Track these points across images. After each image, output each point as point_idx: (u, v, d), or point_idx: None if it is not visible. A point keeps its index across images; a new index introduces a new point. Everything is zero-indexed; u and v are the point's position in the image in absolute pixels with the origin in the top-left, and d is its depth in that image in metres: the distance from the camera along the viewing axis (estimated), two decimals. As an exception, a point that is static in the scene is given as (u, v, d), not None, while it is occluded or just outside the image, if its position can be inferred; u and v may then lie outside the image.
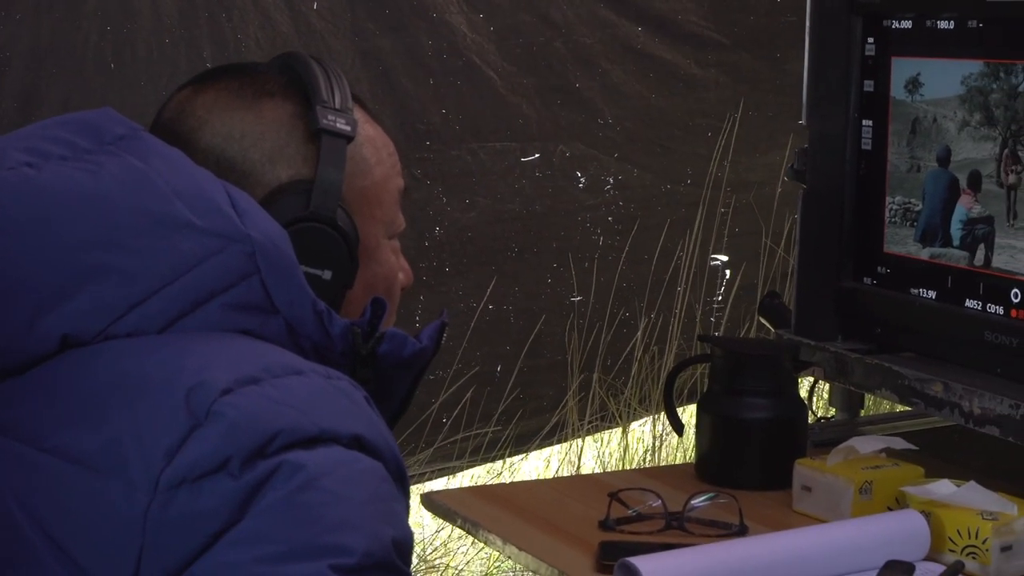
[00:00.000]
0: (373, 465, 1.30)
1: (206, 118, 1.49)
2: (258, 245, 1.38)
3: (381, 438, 1.32)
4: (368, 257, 1.53)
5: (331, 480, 1.26)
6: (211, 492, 1.23)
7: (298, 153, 1.48)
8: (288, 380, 1.31)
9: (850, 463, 2.04)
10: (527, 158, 3.60)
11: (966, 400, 2.07)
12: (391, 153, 1.58)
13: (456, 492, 2.37)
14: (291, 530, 1.23)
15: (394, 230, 1.58)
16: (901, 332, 2.24)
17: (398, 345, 1.47)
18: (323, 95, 1.50)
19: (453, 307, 3.50)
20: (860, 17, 2.28)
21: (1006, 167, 2.05)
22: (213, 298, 1.37)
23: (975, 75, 2.11)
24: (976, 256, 2.13)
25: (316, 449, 1.26)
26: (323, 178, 1.47)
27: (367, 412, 1.34)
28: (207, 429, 1.25)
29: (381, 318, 1.47)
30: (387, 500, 1.30)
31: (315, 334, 1.41)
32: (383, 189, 1.56)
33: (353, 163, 1.51)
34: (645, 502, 2.03)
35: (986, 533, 1.83)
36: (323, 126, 1.48)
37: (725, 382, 2.20)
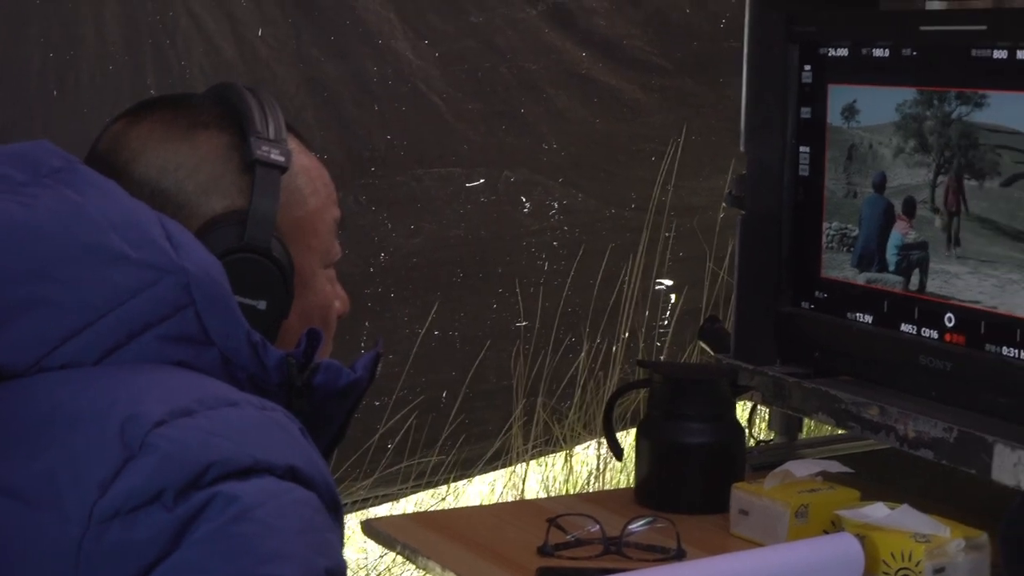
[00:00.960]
0: (307, 496, 1.30)
1: (141, 150, 1.49)
2: (192, 277, 1.38)
3: (315, 469, 1.32)
4: (304, 286, 1.53)
5: (265, 511, 1.25)
6: (145, 524, 1.23)
7: (233, 184, 1.48)
8: (222, 412, 1.31)
9: (787, 487, 2.05)
10: (472, 183, 3.60)
11: (901, 423, 2.09)
12: (326, 183, 1.58)
13: (396, 519, 2.37)
14: (224, 561, 1.23)
15: (330, 259, 1.58)
16: (838, 356, 2.26)
17: (333, 376, 1.46)
18: (257, 126, 1.50)
19: (398, 333, 3.50)
20: (797, 45, 2.30)
21: (950, 195, 2.07)
22: (147, 330, 1.36)
23: (909, 102, 2.14)
24: (911, 281, 2.15)
25: (250, 480, 1.26)
26: (257, 209, 1.47)
27: (302, 443, 1.34)
28: (141, 461, 1.24)
29: (316, 348, 1.47)
30: (321, 531, 1.30)
31: (250, 365, 1.41)
32: (318, 219, 1.56)
33: (288, 193, 1.51)
34: (583, 527, 2.03)
35: (919, 556, 1.85)
36: (257, 157, 1.48)
37: (664, 407, 2.21)
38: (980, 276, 2.05)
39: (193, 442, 1.26)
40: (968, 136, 2.06)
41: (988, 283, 2.04)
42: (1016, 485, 1.91)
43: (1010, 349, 2.01)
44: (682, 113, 3.82)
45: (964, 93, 2.06)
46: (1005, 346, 2.01)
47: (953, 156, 2.08)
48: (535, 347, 3.69)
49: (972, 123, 2.05)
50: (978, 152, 2.04)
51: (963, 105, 2.06)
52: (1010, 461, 1.93)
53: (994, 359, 2.03)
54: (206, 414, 1.29)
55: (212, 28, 3.19)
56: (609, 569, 1.88)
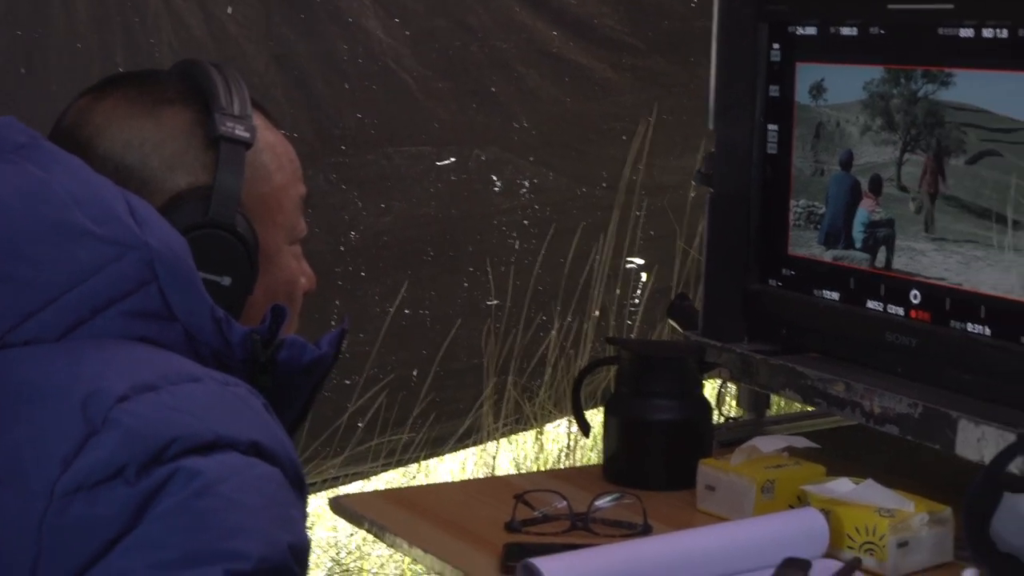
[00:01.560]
0: (270, 471, 1.30)
1: (105, 125, 1.49)
2: (156, 253, 1.38)
3: (279, 444, 1.32)
4: (269, 263, 1.53)
5: (227, 486, 1.25)
6: (107, 499, 1.23)
7: (197, 160, 1.48)
8: (185, 387, 1.31)
9: (753, 463, 2.07)
10: (442, 162, 3.59)
11: (867, 400, 2.10)
12: (292, 159, 1.58)
13: (364, 496, 2.37)
14: (186, 536, 1.23)
15: (295, 235, 1.59)
16: (805, 333, 2.28)
17: (298, 352, 1.46)
18: (222, 102, 1.50)
19: (368, 312, 3.49)
20: (766, 23, 2.31)
21: (928, 175, 2.08)
22: (111, 306, 1.36)
23: (876, 81, 2.15)
24: (877, 258, 2.17)
25: (213, 455, 1.26)
26: (222, 184, 1.47)
27: (265, 418, 1.35)
28: (103, 436, 1.25)
29: (281, 325, 1.47)
30: (284, 506, 1.30)
31: (214, 341, 1.41)
32: (283, 195, 1.56)
33: (253, 169, 1.51)
34: (551, 503, 2.04)
35: (883, 530, 1.86)
36: (222, 133, 1.48)
37: (632, 384, 2.22)
38: (946, 253, 2.06)
39: (156, 417, 1.26)
40: (934, 114, 2.07)
41: (953, 260, 2.05)
42: (980, 460, 1.92)
43: (975, 325, 2.02)
44: (653, 92, 3.82)
45: (931, 71, 2.07)
46: (970, 323, 2.03)
47: (920, 134, 2.09)
48: (506, 326, 3.69)
49: (938, 101, 2.06)
50: (944, 130, 2.06)
51: (929, 83, 2.07)
52: (974, 436, 1.95)
53: (959, 336, 2.04)
54: (169, 389, 1.30)
55: (181, 6, 3.17)
56: (576, 545, 1.88)
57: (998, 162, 1.99)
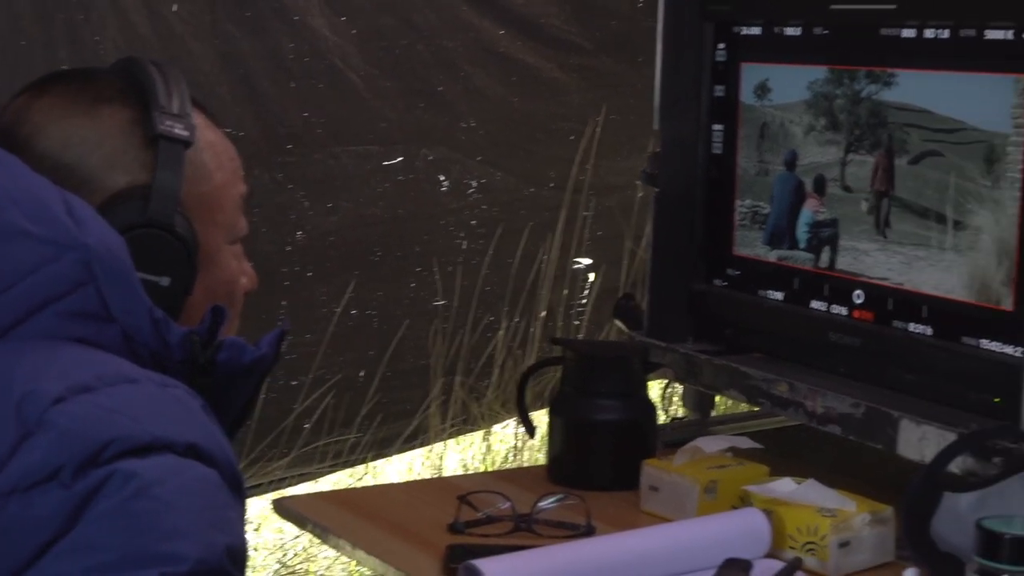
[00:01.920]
0: (207, 473, 1.29)
1: (43, 124, 1.48)
2: (94, 253, 1.36)
3: (217, 446, 1.32)
4: (209, 262, 1.52)
5: (164, 488, 1.25)
6: (42, 501, 1.22)
7: (136, 159, 1.47)
8: (122, 388, 1.30)
9: (697, 463, 2.06)
10: (389, 162, 3.58)
11: (810, 400, 2.10)
12: (232, 158, 1.57)
13: (307, 497, 2.36)
14: (122, 538, 1.22)
15: (236, 235, 1.58)
16: (750, 333, 2.28)
17: (237, 353, 1.46)
18: (161, 100, 1.49)
19: (315, 312, 3.47)
20: (711, 23, 2.31)
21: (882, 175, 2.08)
22: (47, 306, 1.35)
23: (821, 81, 2.15)
24: (821, 258, 2.17)
25: (149, 457, 1.25)
26: (160, 184, 1.46)
27: (203, 420, 1.34)
28: (38, 438, 1.24)
29: (220, 326, 1.46)
30: (221, 508, 1.29)
31: (152, 342, 1.40)
32: (224, 194, 1.55)
33: (192, 168, 1.50)
34: (495, 504, 2.03)
35: (824, 530, 1.86)
36: (160, 131, 1.47)
37: (576, 384, 2.21)
38: (888, 253, 2.07)
39: (92, 419, 1.26)
40: (878, 115, 2.07)
41: (896, 260, 2.06)
42: (921, 459, 1.93)
43: (916, 325, 2.03)
44: (600, 93, 3.81)
45: (873, 72, 2.08)
46: (912, 322, 2.04)
47: (863, 134, 2.09)
48: (453, 326, 3.68)
49: (881, 102, 2.07)
50: (887, 130, 2.06)
51: (872, 84, 2.08)
52: (915, 436, 1.95)
53: (901, 335, 2.05)
54: (105, 391, 1.29)
55: (126, 3, 3.15)
56: (519, 546, 1.88)
57: (940, 162, 1.99)
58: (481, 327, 3.73)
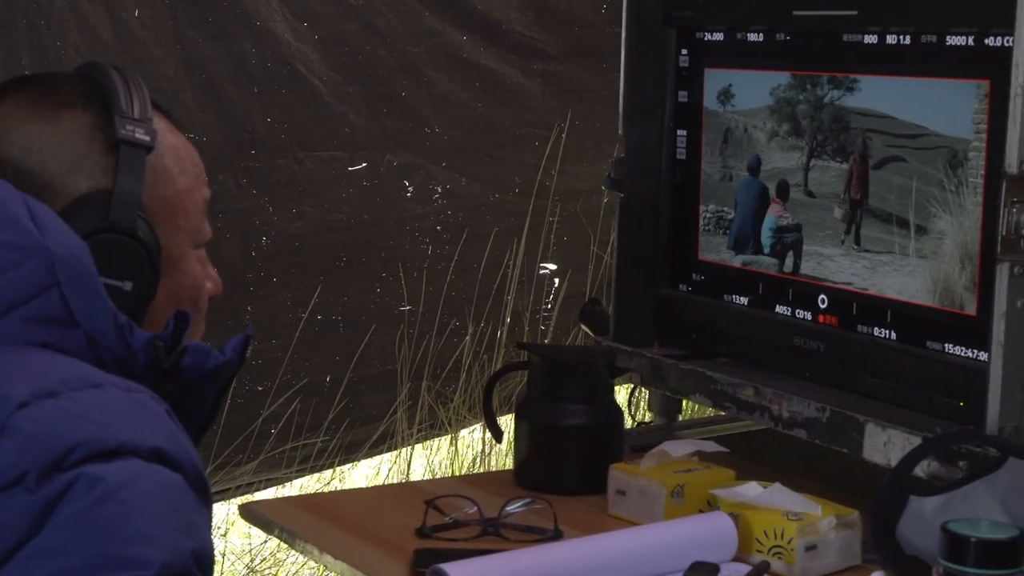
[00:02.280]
0: (173, 477, 1.29)
1: (4, 129, 1.48)
2: (57, 258, 1.37)
3: (181, 450, 1.32)
4: (172, 267, 1.53)
5: (129, 493, 1.25)
6: (7, 507, 1.22)
7: (97, 164, 1.48)
8: (86, 393, 1.30)
9: (663, 467, 2.07)
10: (354, 167, 3.58)
11: (776, 404, 2.11)
12: (195, 163, 1.58)
13: (275, 502, 2.36)
14: (87, 543, 1.22)
15: (200, 239, 1.58)
16: (715, 338, 2.29)
17: (201, 358, 1.46)
18: (122, 105, 1.49)
19: (281, 317, 3.47)
20: (674, 29, 2.32)
21: (851, 186, 2.09)
22: (11, 311, 1.35)
23: (783, 86, 2.16)
24: (785, 263, 2.18)
25: (114, 462, 1.26)
26: (122, 188, 1.47)
27: (168, 425, 1.34)
28: (2, 443, 1.24)
29: (184, 331, 1.46)
30: (187, 512, 1.29)
31: (116, 347, 1.40)
32: (187, 198, 1.55)
33: (154, 173, 1.50)
34: (462, 509, 2.04)
35: (791, 533, 1.87)
36: (121, 136, 1.47)
37: (542, 389, 2.21)
38: (852, 258, 2.08)
39: (57, 423, 1.26)
40: (840, 120, 2.09)
41: (860, 265, 2.07)
42: (886, 463, 1.94)
43: (881, 330, 2.04)
44: (565, 98, 3.82)
45: (836, 77, 2.09)
46: (876, 327, 2.05)
47: (826, 140, 2.10)
48: (419, 331, 3.68)
49: (844, 107, 2.08)
50: (849, 136, 2.07)
51: (835, 89, 2.09)
52: (880, 440, 1.96)
53: (866, 340, 2.06)
54: (70, 395, 1.29)
55: (87, 8, 3.14)
56: (486, 550, 1.88)
57: (902, 167, 2.01)
58: (447, 332, 3.73)
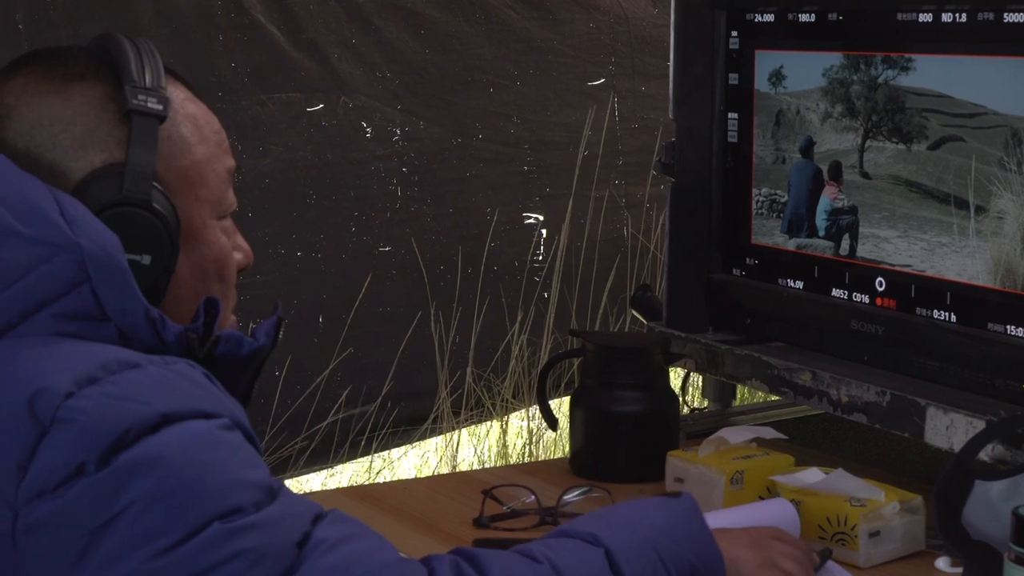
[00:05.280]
0: (221, 431, 1.31)
1: (14, 105, 1.44)
2: (88, 253, 1.35)
3: (223, 407, 1.33)
4: (194, 239, 1.49)
5: (190, 457, 1.27)
6: (75, 496, 1.24)
7: (110, 136, 1.44)
8: (126, 375, 1.30)
9: (722, 454, 2.06)
10: (312, 108, 3.56)
11: (834, 388, 2.11)
12: (216, 131, 1.53)
13: (330, 493, 2.33)
14: (171, 517, 1.25)
15: (224, 209, 1.53)
16: (770, 322, 2.28)
17: (235, 346, 1.45)
18: (133, 75, 1.44)
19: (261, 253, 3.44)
20: (723, 11, 2.29)
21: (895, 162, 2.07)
22: (42, 308, 1.34)
23: (836, 67, 2.14)
24: (841, 246, 2.17)
25: (166, 432, 1.27)
26: (135, 160, 1.42)
27: (208, 388, 1.35)
28: (55, 436, 1.25)
29: (215, 320, 1.44)
30: (243, 450, 1.32)
31: (149, 340, 1.39)
32: (207, 168, 1.51)
33: (171, 143, 1.47)
34: (519, 498, 2.02)
35: (854, 520, 1.87)
36: (133, 106, 1.43)
37: (597, 376, 2.20)
38: (910, 240, 2.07)
39: (104, 410, 1.26)
40: (895, 100, 2.07)
41: (918, 247, 2.06)
42: (949, 448, 1.94)
43: (940, 312, 2.04)
44: (514, 48, 3.81)
45: (890, 57, 2.07)
46: (936, 309, 2.04)
47: (881, 120, 2.09)
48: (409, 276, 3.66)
49: (899, 87, 2.06)
50: (905, 116, 2.06)
51: (889, 69, 2.07)
52: (942, 424, 1.96)
53: (925, 322, 2.06)
54: (111, 379, 1.29)
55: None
56: (546, 539, 1.87)
57: (960, 147, 1.99)
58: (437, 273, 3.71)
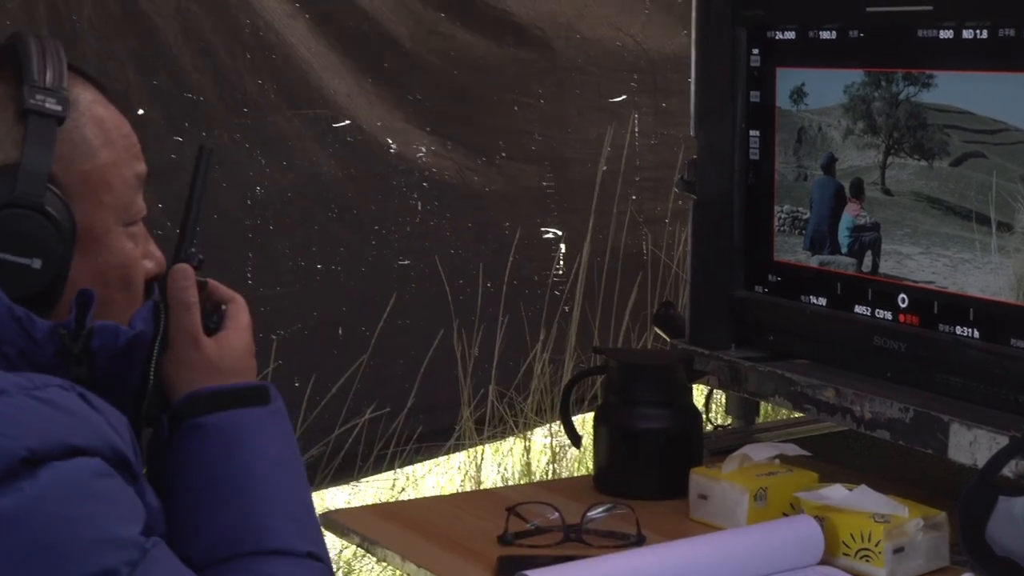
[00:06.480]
0: (93, 473, 1.29)
1: None
2: None
3: (99, 438, 1.30)
4: (95, 244, 1.47)
5: (59, 511, 1.25)
6: None
7: (7, 136, 1.42)
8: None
9: (745, 470, 2.07)
10: (338, 124, 3.57)
11: (857, 405, 2.10)
12: (125, 135, 1.51)
13: (354, 511, 2.34)
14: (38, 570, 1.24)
15: (131, 216, 1.51)
16: (793, 339, 2.28)
17: (110, 337, 1.43)
18: (33, 74, 1.43)
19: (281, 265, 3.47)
20: (744, 28, 2.29)
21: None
22: None
23: (857, 84, 2.15)
24: (864, 263, 2.17)
25: (32, 480, 1.25)
26: (29, 161, 1.41)
27: (81, 415, 1.32)
28: None
29: (87, 313, 1.41)
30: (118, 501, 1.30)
31: (19, 341, 1.37)
32: (112, 172, 1.48)
33: (71, 145, 1.45)
34: (543, 515, 2.03)
35: (878, 536, 1.87)
36: (29, 106, 1.41)
37: (621, 393, 2.20)
38: (932, 256, 2.07)
39: None
40: (916, 116, 2.07)
41: (940, 263, 2.06)
42: (972, 464, 1.94)
43: (963, 328, 2.04)
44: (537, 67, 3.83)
45: (911, 74, 2.07)
46: (959, 325, 2.04)
47: (903, 137, 2.09)
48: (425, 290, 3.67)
49: (920, 103, 2.06)
50: (927, 132, 2.06)
51: (911, 86, 2.08)
52: (966, 440, 1.96)
53: (948, 339, 2.05)
54: None
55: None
56: (570, 556, 1.87)
57: (982, 163, 1.99)
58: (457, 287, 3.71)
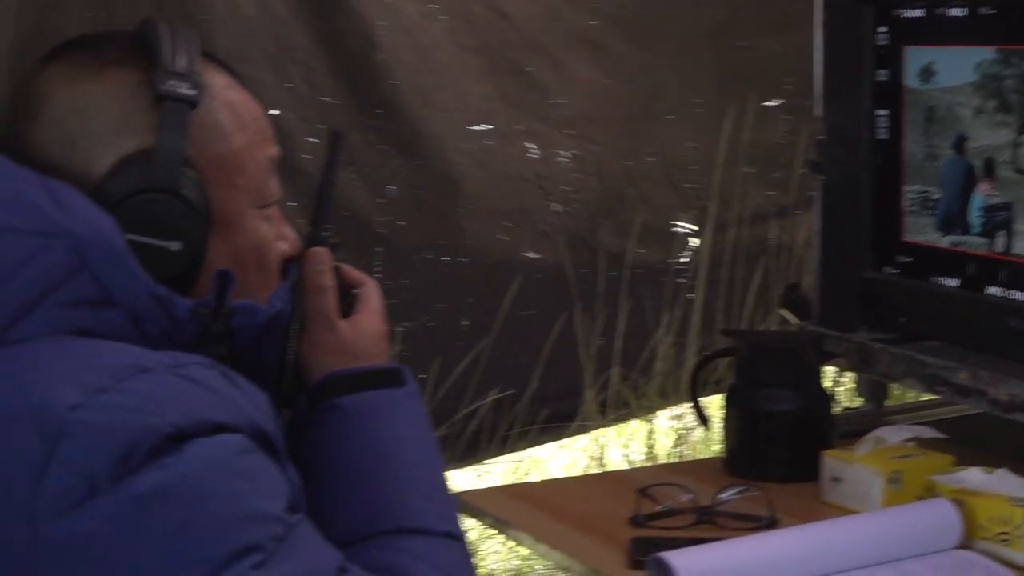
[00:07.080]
0: (237, 449, 1.29)
1: (50, 92, 1.45)
2: (82, 238, 1.34)
3: (242, 415, 1.31)
4: (230, 227, 1.48)
5: (205, 488, 1.25)
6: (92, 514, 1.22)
7: (143, 122, 1.44)
8: (135, 382, 1.28)
9: (879, 453, 2.05)
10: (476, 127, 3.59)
11: (993, 387, 2.08)
12: (257, 119, 1.52)
13: (485, 491, 2.35)
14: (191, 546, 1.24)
15: (264, 199, 1.52)
16: (925, 321, 2.25)
17: (250, 316, 1.44)
18: (165, 60, 1.45)
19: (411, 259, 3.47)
20: (871, 6, 2.28)
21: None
22: (45, 299, 1.33)
23: (988, 62, 2.12)
24: (996, 243, 2.14)
25: (178, 455, 1.25)
26: (164, 146, 1.42)
27: (224, 393, 1.33)
28: (64, 450, 1.22)
29: (227, 292, 1.43)
30: (260, 477, 1.30)
31: (160, 321, 1.38)
32: (245, 156, 1.50)
33: (204, 129, 1.46)
34: (674, 497, 2.03)
35: (1018, 519, 1.84)
36: (163, 91, 1.43)
37: (751, 375, 2.20)
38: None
39: (112, 422, 1.24)
40: (1051, 94, 2.04)
41: (1076, 243, 2.04)
42: (1112, 445, 1.91)
43: (1100, 309, 2.01)
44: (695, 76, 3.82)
45: (1045, 51, 2.05)
46: (1096, 306, 2.01)
47: (1036, 115, 2.06)
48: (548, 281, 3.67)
49: (1054, 81, 2.04)
50: (1062, 111, 2.03)
51: (1045, 63, 2.05)
52: (1106, 421, 1.94)
53: (1085, 319, 2.03)
54: (119, 387, 1.27)
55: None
56: (703, 538, 1.87)
57: (1118, 141, 1.97)
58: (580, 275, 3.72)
